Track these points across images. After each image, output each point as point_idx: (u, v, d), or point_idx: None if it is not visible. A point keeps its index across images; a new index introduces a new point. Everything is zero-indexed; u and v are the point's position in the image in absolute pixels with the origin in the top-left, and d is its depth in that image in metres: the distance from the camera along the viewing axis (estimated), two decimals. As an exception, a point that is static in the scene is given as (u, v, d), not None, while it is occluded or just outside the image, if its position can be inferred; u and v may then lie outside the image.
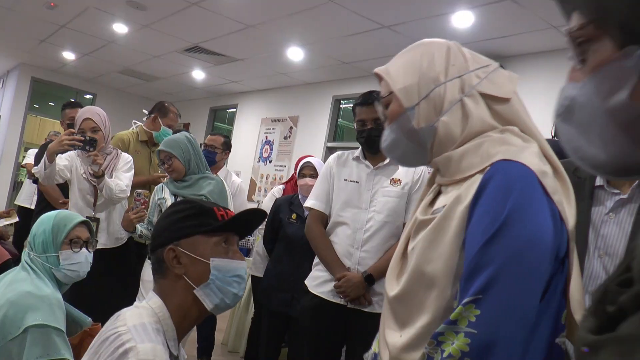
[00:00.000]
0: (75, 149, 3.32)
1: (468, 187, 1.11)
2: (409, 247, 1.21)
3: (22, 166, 7.09)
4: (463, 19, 4.71)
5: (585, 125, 0.65)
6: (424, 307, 1.12)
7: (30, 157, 6.73)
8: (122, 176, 3.48)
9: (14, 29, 7.63)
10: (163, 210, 3.31)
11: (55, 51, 8.55)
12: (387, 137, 1.29)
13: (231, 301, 1.40)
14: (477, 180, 1.10)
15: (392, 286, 1.21)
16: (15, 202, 6.85)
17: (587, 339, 0.54)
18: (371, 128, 2.69)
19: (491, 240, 1.00)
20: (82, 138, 3.24)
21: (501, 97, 1.18)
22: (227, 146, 4.43)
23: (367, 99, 2.72)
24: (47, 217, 2.09)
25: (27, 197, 6.53)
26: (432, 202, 1.25)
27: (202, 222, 1.40)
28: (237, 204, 4.20)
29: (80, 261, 2.06)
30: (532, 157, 1.09)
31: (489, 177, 1.08)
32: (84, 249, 2.09)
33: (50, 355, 1.75)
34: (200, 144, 4.40)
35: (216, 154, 4.32)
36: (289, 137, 8.11)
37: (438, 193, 1.26)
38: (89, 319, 2.09)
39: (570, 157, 0.70)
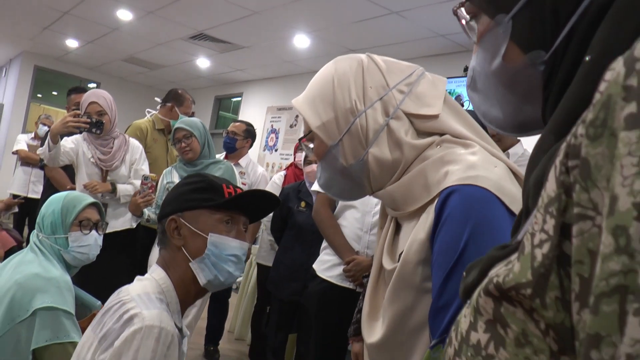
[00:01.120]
0: (80, 131, 3.28)
1: (422, 224, 1.01)
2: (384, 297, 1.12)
3: (13, 153, 6.97)
4: (474, 4, 4.63)
5: (485, 91, 0.74)
6: (410, 355, 1.04)
7: (20, 142, 6.63)
8: (141, 171, 3.47)
9: (16, 16, 7.56)
10: None
11: (58, 39, 8.49)
12: (320, 175, 1.19)
13: (225, 279, 1.38)
14: (430, 212, 1.00)
15: (369, 333, 1.13)
16: (8, 191, 6.71)
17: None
18: None
19: (450, 276, 0.92)
20: (89, 120, 3.20)
21: (429, 115, 1.07)
22: (249, 134, 4.36)
23: None
24: (57, 198, 2.04)
25: (21, 185, 6.41)
26: (394, 237, 1.15)
27: (208, 196, 1.39)
28: None
29: (90, 243, 2.02)
30: (482, 170, 0.97)
31: (440, 209, 0.97)
32: (93, 231, 2.04)
33: (59, 339, 1.72)
34: (223, 131, 4.38)
35: (236, 140, 4.26)
36: (295, 125, 8.05)
37: (397, 226, 1.15)
38: (99, 302, 2.05)
39: (483, 122, 0.78)
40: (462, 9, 0.73)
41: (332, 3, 5.14)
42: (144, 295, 1.26)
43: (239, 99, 9.64)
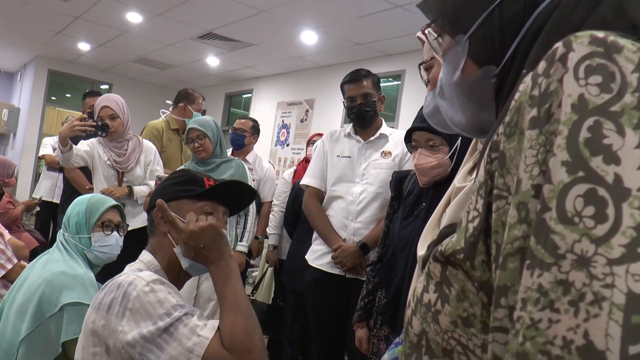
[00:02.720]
0: (87, 134, 3.38)
1: None
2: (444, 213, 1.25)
3: (40, 157, 7.03)
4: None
5: (449, 99, 0.83)
6: None
7: (47, 147, 6.68)
8: (156, 172, 3.59)
9: (29, 22, 7.71)
10: None
11: (70, 43, 8.64)
12: (428, 103, 1.30)
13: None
14: None
15: (422, 248, 1.25)
16: (34, 196, 6.74)
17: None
18: (360, 103, 2.81)
19: None
20: (94, 123, 3.29)
21: None
22: (255, 130, 4.43)
23: (355, 76, 2.83)
24: (82, 200, 2.17)
25: (47, 190, 6.38)
26: (472, 169, 1.28)
27: (190, 187, 1.51)
28: (266, 189, 4.24)
29: (111, 244, 2.14)
30: None
31: None
32: (115, 232, 2.16)
33: (86, 332, 1.83)
34: (229, 128, 4.46)
35: (245, 137, 4.32)
36: (306, 120, 8.14)
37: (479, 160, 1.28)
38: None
39: (450, 125, 0.89)
40: (430, 29, 0.84)
41: (338, -1, 5.22)
42: (135, 270, 1.40)
43: (249, 95, 9.74)
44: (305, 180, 3.01)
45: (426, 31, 0.85)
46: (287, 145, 8.40)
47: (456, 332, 0.56)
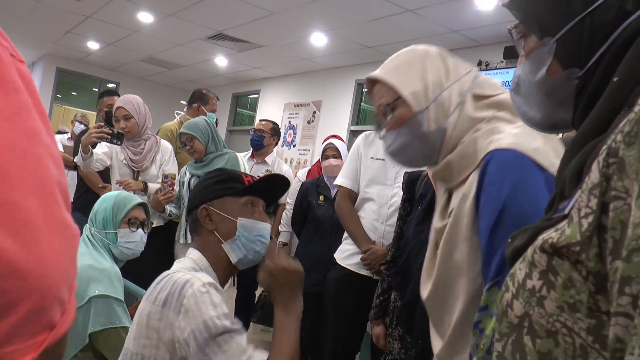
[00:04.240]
0: (102, 141, 3.45)
1: (470, 185, 1.17)
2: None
3: None
4: (487, 2, 4.72)
5: (526, 95, 0.89)
6: (453, 306, 1.19)
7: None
8: (168, 171, 3.63)
9: (40, 20, 7.78)
10: (186, 189, 3.49)
11: (80, 41, 8.71)
12: (393, 141, 1.31)
13: (253, 257, 1.57)
14: (475, 176, 1.17)
15: (424, 289, 1.30)
16: None
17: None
18: None
19: (496, 226, 1.08)
20: (110, 131, 3.36)
21: (489, 95, 1.28)
22: (275, 132, 4.49)
23: None
24: (109, 196, 2.23)
25: None
26: (446, 206, 1.32)
27: (230, 185, 1.58)
28: None
29: (136, 240, 2.21)
30: (520, 139, 1.15)
31: (483, 171, 1.14)
32: (140, 229, 2.23)
33: (112, 324, 1.89)
34: (250, 129, 4.50)
35: (264, 138, 4.38)
36: (313, 121, 8.20)
37: (449, 196, 1.30)
38: (144, 291, 2.23)
39: (520, 119, 0.95)
40: (515, 29, 0.90)
41: (349, 2, 5.27)
42: (187, 268, 1.47)
43: (256, 96, 9.80)
44: (338, 181, 3.06)
45: (512, 31, 0.90)
46: (294, 146, 8.46)
47: (562, 315, 0.62)
